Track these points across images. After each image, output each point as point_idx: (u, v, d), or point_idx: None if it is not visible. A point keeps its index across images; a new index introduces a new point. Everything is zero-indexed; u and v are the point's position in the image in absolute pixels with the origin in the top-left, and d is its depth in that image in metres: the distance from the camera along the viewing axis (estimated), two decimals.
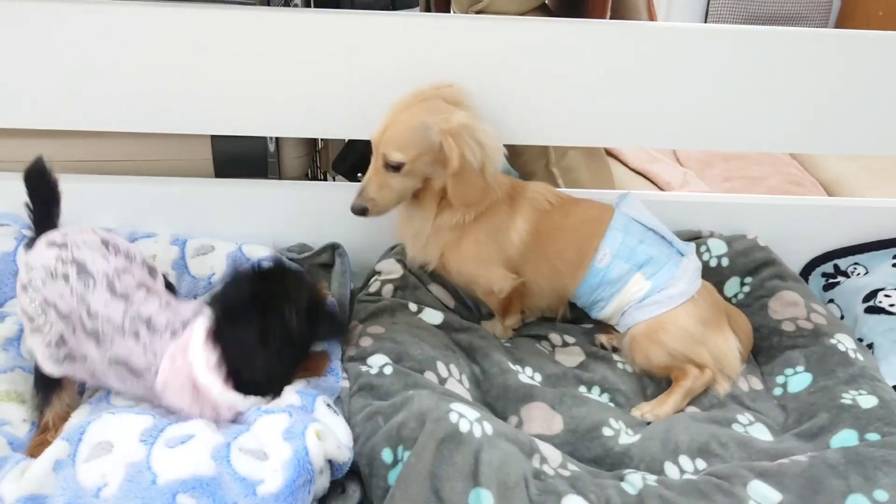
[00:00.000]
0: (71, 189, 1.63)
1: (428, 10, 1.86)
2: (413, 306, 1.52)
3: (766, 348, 1.55)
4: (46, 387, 1.23)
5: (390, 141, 1.34)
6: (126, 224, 1.65)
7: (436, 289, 1.61)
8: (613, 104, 1.63)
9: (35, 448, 1.20)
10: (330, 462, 1.15)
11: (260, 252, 1.60)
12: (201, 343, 1.16)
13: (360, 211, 1.39)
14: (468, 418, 1.14)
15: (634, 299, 1.45)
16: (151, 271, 1.31)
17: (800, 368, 1.46)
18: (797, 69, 1.60)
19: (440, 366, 1.36)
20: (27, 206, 1.25)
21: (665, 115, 1.64)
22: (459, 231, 1.45)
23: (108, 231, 1.29)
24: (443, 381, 1.34)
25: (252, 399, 1.22)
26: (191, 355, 1.16)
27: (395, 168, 1.35)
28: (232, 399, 1.19)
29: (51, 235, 1.22)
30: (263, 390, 1.23)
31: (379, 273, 1.60)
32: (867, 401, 1.32)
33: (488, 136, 1.35)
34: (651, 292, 1.44)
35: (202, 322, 1.19)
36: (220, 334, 1.17)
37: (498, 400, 1.36)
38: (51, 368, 1.19)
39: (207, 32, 1.53)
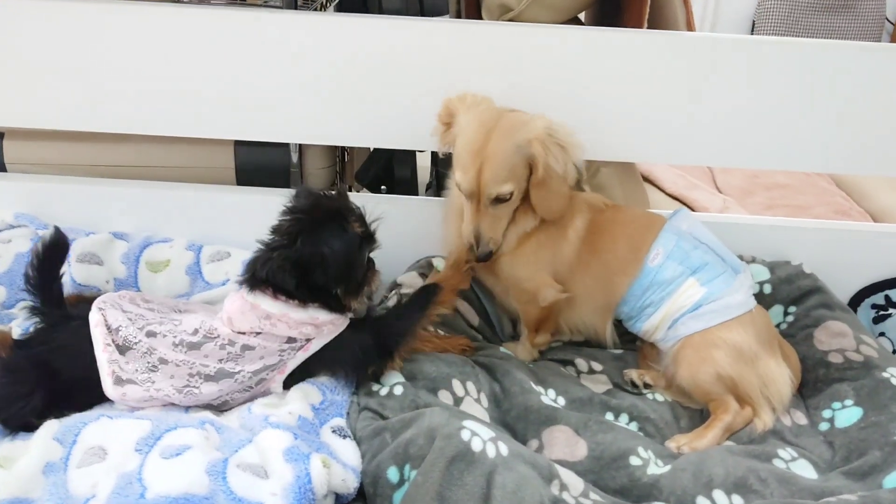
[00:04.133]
0: (90, 192, 1.64)
1: (459, 17, 1.82)
2: (430, 328, 1.45)
3: (811, 381, 1.45)
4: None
5: (494, 179, 1.29)
6: (143, 229, 1.63)
7: (460, 304, 1.54)
8: (648, 118, 1.57)
9: None
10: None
11: None
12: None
13: (488, 256, 1.37)
14: (481, 437, 1.06)
15: (687, 305, 1.38)
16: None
17: (849, 402, 1.36)
18: (846, 85, 1.53)
19: (456, 384, 1.29)
20: (33, 276, 1.23)
21: (703, 131, 1.58)
22: (523, 234, 1.41)
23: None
24: (458, 400, 1.27)
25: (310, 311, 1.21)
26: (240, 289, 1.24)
27: (505, 199, 1.32)
28: (279, 308, 1.20)
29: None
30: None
31: (399, 286, 1.53)
32: None
33: (569, 134, 1.31)
34: (705, 300, 1.37)
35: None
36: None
37: (518, 421, 1.28)
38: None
39: (232, 35, 1.51)
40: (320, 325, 1.23)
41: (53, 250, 1.22)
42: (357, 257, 1.23)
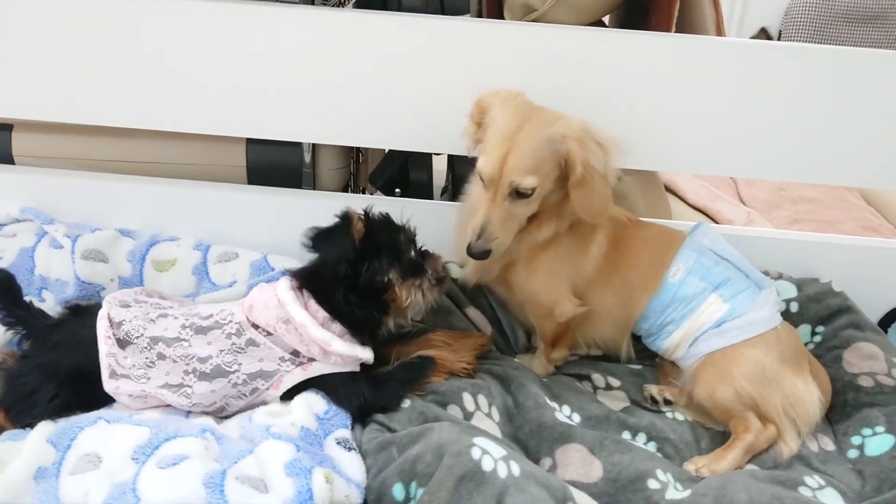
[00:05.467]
0: (97, 187, 1.61)
1: (480, 16, 1.77)
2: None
3: (839, 405, 1.39)
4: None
5: (518, 167, 1.21)
6: (151, 226, 1.59)
7: (473, 313, 1.50)
8: (673, 125, 1.51)
9: None
10: None
11: (286, 263, 1.50)
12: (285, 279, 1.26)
13: (484, 254, 1.25)
14: (492, 455, 1.01)
15: (709, 322, 1.33)
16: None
17: (880, 429, 1.30)
18: (878, 95, 1.47)
19: (467, 398, 1.24)
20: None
21: (729, 140, 1.53)
22: (541, 244, 1.35)
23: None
24: (469, 415, 1.23)
25: (333, 335, 1.20)
26: (278, 283, 1.25)
27: (525, 195, 1.24)
28: (301, 316, 1.19)
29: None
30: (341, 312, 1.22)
31: None
32: None
33: (605, 134, 1.26)
34: (728, 316, 1.32)
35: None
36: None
37: (531, 437, 1.23)
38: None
39: (247, 31, 1.47)
40: (329, 353, 1.19)
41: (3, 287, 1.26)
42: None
